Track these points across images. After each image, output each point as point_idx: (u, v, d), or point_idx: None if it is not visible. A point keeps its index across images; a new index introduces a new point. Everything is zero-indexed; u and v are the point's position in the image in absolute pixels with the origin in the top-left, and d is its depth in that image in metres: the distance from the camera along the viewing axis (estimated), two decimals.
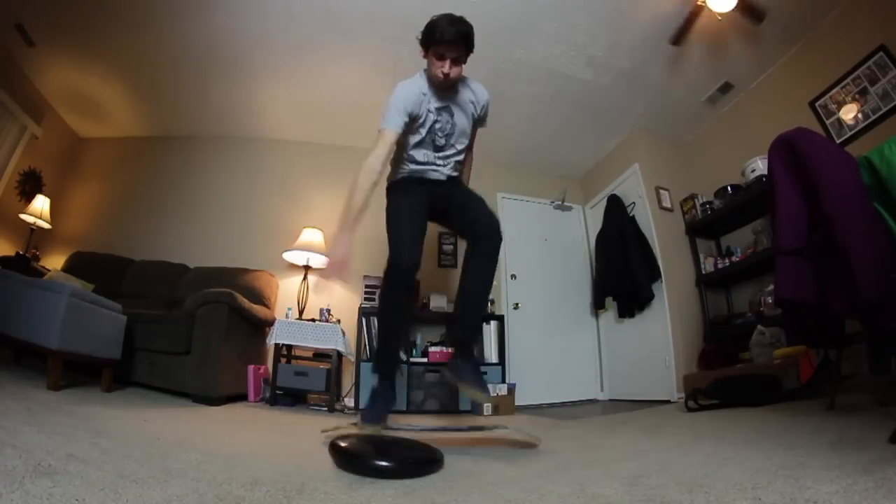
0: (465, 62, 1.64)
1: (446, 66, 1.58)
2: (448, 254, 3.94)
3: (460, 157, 1.83)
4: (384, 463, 1.05)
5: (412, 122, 1.65)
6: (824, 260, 1.28)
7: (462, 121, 1.75)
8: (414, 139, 1.71)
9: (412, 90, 1.65)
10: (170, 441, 1.28)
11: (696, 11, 2.59)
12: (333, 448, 1.13)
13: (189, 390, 2.35)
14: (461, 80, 1.74)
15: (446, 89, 1.68)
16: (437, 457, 1.16)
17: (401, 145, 1.74)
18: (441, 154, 1.76)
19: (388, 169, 1.81)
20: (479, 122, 1.84)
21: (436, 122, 1.69)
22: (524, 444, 1.43)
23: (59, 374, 1.80)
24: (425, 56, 1.63)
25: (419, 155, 1.74)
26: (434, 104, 1.68)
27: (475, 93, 1.79)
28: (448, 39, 1.52)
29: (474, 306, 1.67)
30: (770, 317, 2.65)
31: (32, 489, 0.69)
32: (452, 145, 1.77)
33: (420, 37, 1.60)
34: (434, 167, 1.76)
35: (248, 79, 3.37)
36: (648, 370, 3.35)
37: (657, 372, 3.23)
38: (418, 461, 1.11)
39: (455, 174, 1.84)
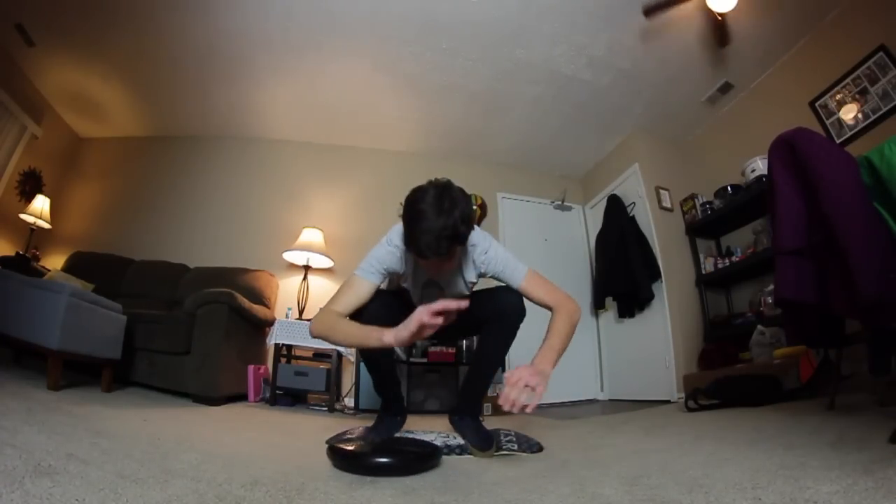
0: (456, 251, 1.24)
1: (434, 271, 1.31)
2: None
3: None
4: (382, 460, 1.05)
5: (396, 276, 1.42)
6: (824, 260, 1.28)
7: (456, 289, 1.46)
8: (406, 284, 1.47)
9: (394, 256, 1.35)
10: (170, 441, 1.28)
11: None
12: (331, 450, 1.13)
13: (189, 390, 2.35)
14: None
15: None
16: (434, 452, 1.16)
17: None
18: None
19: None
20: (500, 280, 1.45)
21: (423, 294, 1.45)
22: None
23: (59, 374, 1.80)
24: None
25: (417, 291, 1.48)
26: (423, 276, 1.41)
27: (466, 271, 1.43)
28: (432, 257, 1.15)
29: (487, 380, 1.52)
30: (770, 317, 2.65)
31: (32, 489, 0.69)
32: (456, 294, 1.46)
33: (400, 213, 1.23)
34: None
35: (248, 79, 3.37)
36: (648, 370, 3.35)
37: (657, 372, 3.23)
38: (415, 457, 1.11)
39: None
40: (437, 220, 1.10)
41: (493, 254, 1.41)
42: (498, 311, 1.42)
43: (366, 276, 1.32)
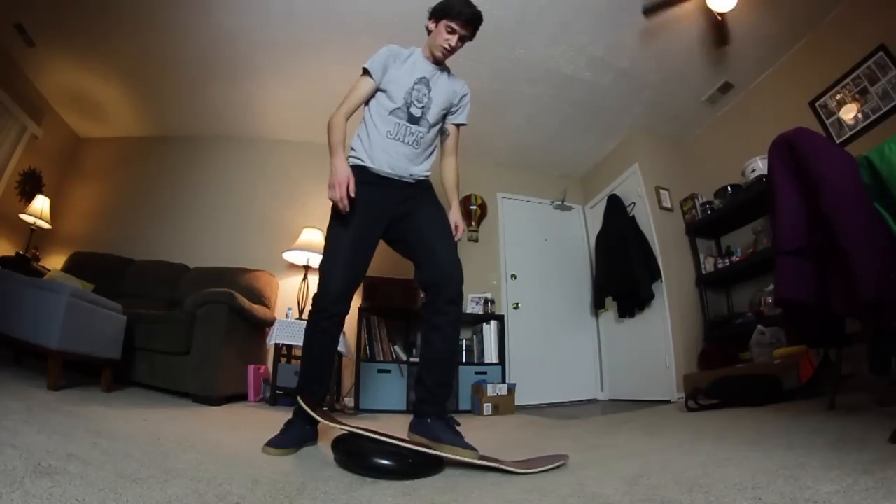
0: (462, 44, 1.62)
1: (453, 40, 1.57)
2: None
3: (432, 150, 1.66)
4: (386, 462, 1.04)
5: (389, 85, 1.59)
6: (824, 260, 1.28)
7: (439, 99, 1.62)
8: (388, 106, 1.58)
9: (402, 50, 1.65)
10: (170, 441, 1.28)
11: None
12: (336, 445, 1.13)
13: (189, 390, 2.35)
14: (447, 68, 1.70)
15: (435, 64, 1.65)
16: (440, 460, 1.15)
17: (371, 112, 1.62)
18: (415, 128, 1.57)
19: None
20: (454, 114, 1.71)
21: (413, 89, 1.59)
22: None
23: (59, 374, 1.80)
24: (432, 26, 1.60)
25: (390, 125, 1.56)
26: (416, 73, 1.61)
27: (456, 83, 1.71)
28: (465, 18, 1.54)
29: (444, 386, 1.40)
30: (770, 317, 2.65)
31: (32, 489, 0.69)
32: (427, 120, 1.59)
33: (431, 9, 1.59)
34: (404, 148, 1.55)
35: (249, 79, 3.37)
36: (648, 370, 3.35)
37: (657, 372, 3.23)
38: (420, 463, 1.10)
39: (425, 175, 1.62)
40: (472, 5, 1.56)
41: (467, 89, 1.74)
42: (439, 292, 1.41)
43: (370, 65, 1.60)
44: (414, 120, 1.58)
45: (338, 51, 3.05)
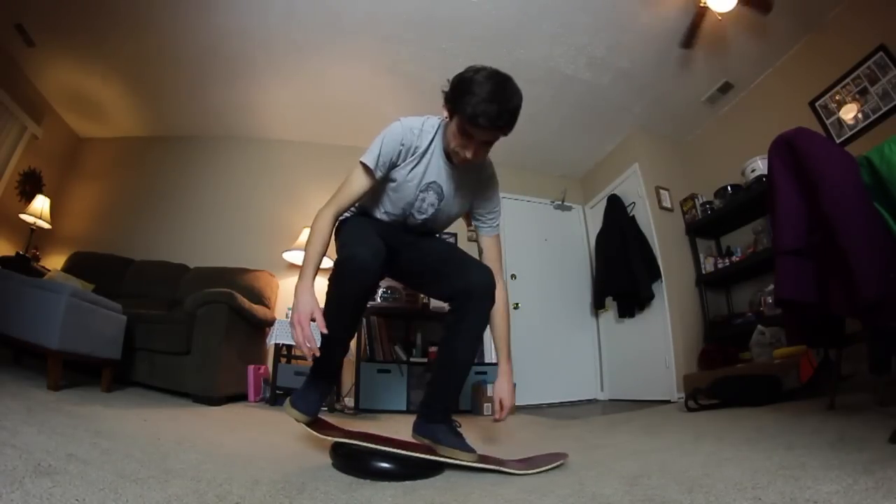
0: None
1: (470, 150, 1.14)
2: None
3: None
4: (385, 465, 1.04)
5: (388, 179, 1.26)
6: (824, 260, 1.28)
7: (451, 210, 1.33)
8: (383, 204, 1.31)
9: (421, 134, 1.24)
10: (170, 441, 1.28)
11: (702, 13, 2.58)
12: (334, 450, 1.13)
13: (189, 390, 2.35)
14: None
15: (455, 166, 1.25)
16: (439, 462, 1.15)
17: (371, 195, 1.31)
18: (415, 226, 1.36)
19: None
20: (480, 222, 1.40)
21: (418, 196, 1.27)
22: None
23: (59, 374, 1.80)
24: (446, 116, 1.18)
25: (384, 212, 1.34)
26: (427, 177, 1.26)
27: (483, 191, 1.35)
28: (485, 126, 1.06)
29: (458, 385, 1.34)
30: (770, 317, 2.65)
31: (32, 489, 0.69)
32: (429, 227, 1.37)
33: (446, 90, 1.15)
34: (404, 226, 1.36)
35: (249, 79, 3.37)
36: (648, 370, 3.35)
37: (657, 372, 3.23)
38: (419, 464, 1.10)
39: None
40: (507, 96, 1.07)
41: (496, 184, 1.39)
42: (468, 292, 1.21)
43: (367, 160, 1.21)
44: (410, 223, 1.33)
45: (338, 51, 3.05)
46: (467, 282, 1.21)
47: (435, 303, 3.41)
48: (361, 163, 1.23)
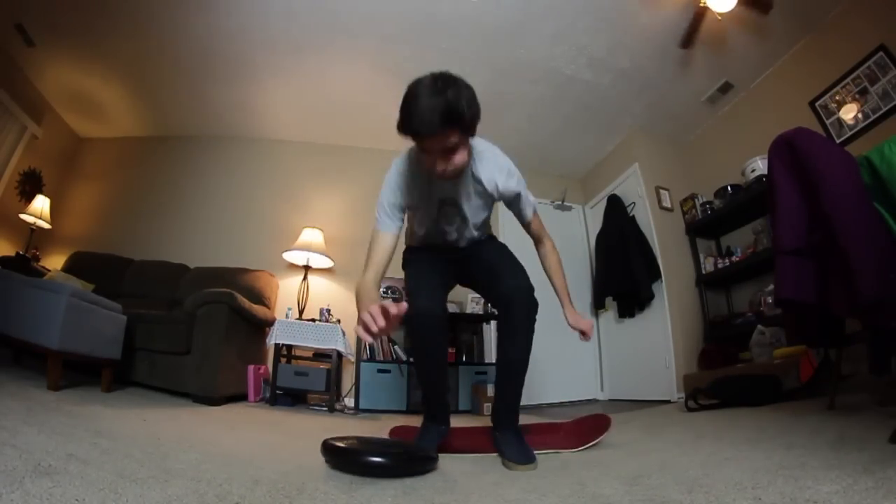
0: (467, 143, 1.18)
1: (440, 164, 1.14)
2: None
3: (477, 233, 1.50)
4: (377, 459, 1.04)
5: (413, 209, 1.38)
6: (824, 260, 1.28)
7: (474, 210, 1.39)
8: (420, 230, 1.45)
9: (401, 176, 1.31)
10: (170, 441, 1.28)
11: (701, 13, 2.58)
12: (325, 448, 1.12)
13: (189, 390, 2.35)
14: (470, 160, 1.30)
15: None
16: (431, 454, 1.16)
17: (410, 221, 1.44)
18: (451, 237, 1.46)
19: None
20: (515, 211, 1.47)
21: (440, 214, 1.36)
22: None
23: (59, 374, 1.80)
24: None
25: (425, 234, 1.47)
26: (435, 194, 1.32)
27: (479, 167, 1.33)
28: (425, 133, 1.06)
29: (514, 386, 1.40)
30: (770, 317, 2.65)
31: (32, 489, 0.69)
32: (464, 234, 1.45)
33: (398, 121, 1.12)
34: (444, 245, 1.49)
35: (249, 79, 3.37)
36: (648, 370, 3.35)
37: (657, 372, 3.23)
38: (412, 458, 1.10)
39: (477, 237, 1.51)
40: (432, 97, 1.04)
41: (506, 165, 1.37)
42: (507, 297, 1.30)
43: (382, 226, 1.29)
44: (449, 238, 1.44)
45: (338, 51, 3.05)
46: (504, 288, 1.31)
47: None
48: (376, 229, 1.31)
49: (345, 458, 1.07)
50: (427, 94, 1.04)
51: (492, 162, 1.35)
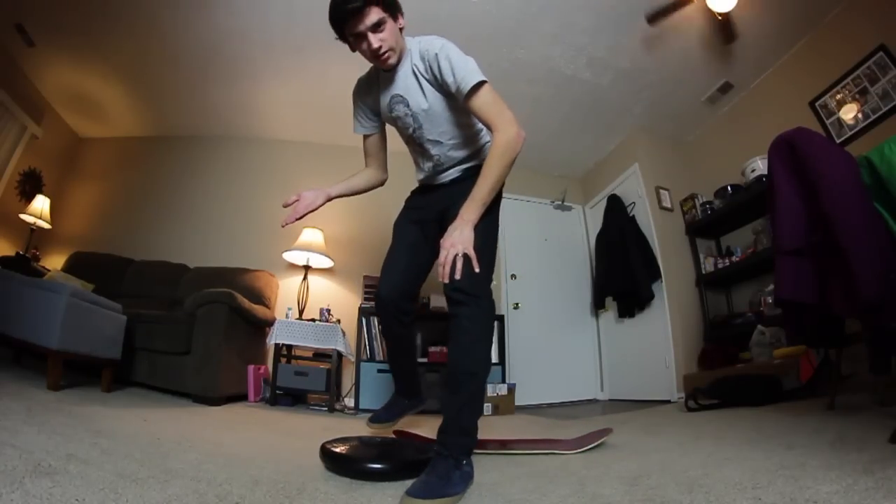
0: (396, 21, 1.24)
1: (369, 45, 1.20)
2: None
3: (460, 150, 1.35)
4: (376, 465, 1.04)
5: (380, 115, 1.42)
6: (824, 260, 1.28)
7: (418, 101, 1.27)
8: (411, 154, 1.48)
9: (359, 90, 1.44)
10: (170, 441, 1.28)
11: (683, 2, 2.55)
12: (324, 452, 1.12)
13: (189, 390, 2.35)
14: (405, 47, 1.28)
15: (390, 70, 1.29)
16: (428, 457, 1.15)
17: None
18: (430, 153, 1.36)
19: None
20: (445, 92, 1.23)
21: (393, 113, 1.35)
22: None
23: (59, 374, 1.80)
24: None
25: (418, 162, 1.47)
26: (388, 94, 1.34)
27: (414, 55, 1.27)
28: (349, 11, 1.13)
29: (456, 399, 1.06)
30: (770, 317, 2.65)
31: (32, 489, 0.69)
32: (434, 140, 1.33)
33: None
34: (436, 174, 1.41)
35: (249, 79, 3.37)
36: (648, 370, 3.35)
37: (657, 372, 3.23)
38: (410, 463, 1.09)
39: (461, 173, 1.37)
40: None
41: (439, 44, 1.22)
42: (447, 297, 1.12)
43: (356, 129, 1.51)
44: (425, 145, 1.35)
45: (338, 51, 2.99)
46: (449, 286, 1.08)
47: (434, 302, 3.42)
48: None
49: (342, 463, 1.07)
50: None
51: (425, 42, 1.28)
